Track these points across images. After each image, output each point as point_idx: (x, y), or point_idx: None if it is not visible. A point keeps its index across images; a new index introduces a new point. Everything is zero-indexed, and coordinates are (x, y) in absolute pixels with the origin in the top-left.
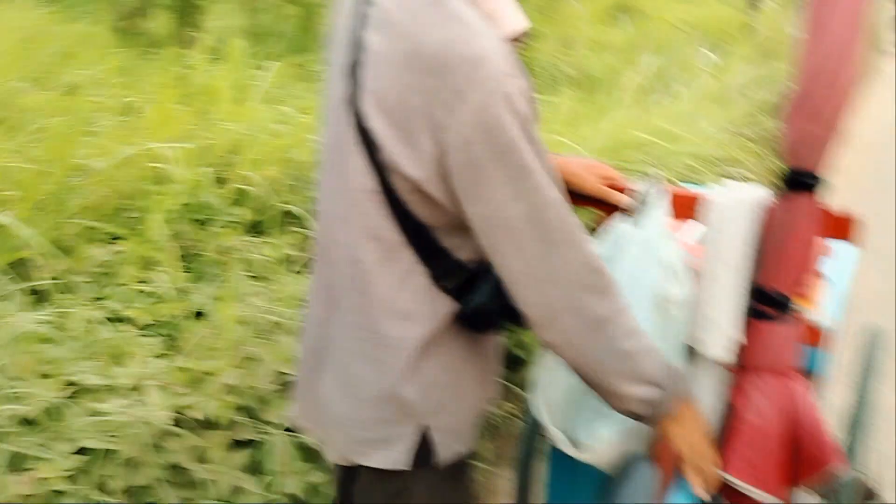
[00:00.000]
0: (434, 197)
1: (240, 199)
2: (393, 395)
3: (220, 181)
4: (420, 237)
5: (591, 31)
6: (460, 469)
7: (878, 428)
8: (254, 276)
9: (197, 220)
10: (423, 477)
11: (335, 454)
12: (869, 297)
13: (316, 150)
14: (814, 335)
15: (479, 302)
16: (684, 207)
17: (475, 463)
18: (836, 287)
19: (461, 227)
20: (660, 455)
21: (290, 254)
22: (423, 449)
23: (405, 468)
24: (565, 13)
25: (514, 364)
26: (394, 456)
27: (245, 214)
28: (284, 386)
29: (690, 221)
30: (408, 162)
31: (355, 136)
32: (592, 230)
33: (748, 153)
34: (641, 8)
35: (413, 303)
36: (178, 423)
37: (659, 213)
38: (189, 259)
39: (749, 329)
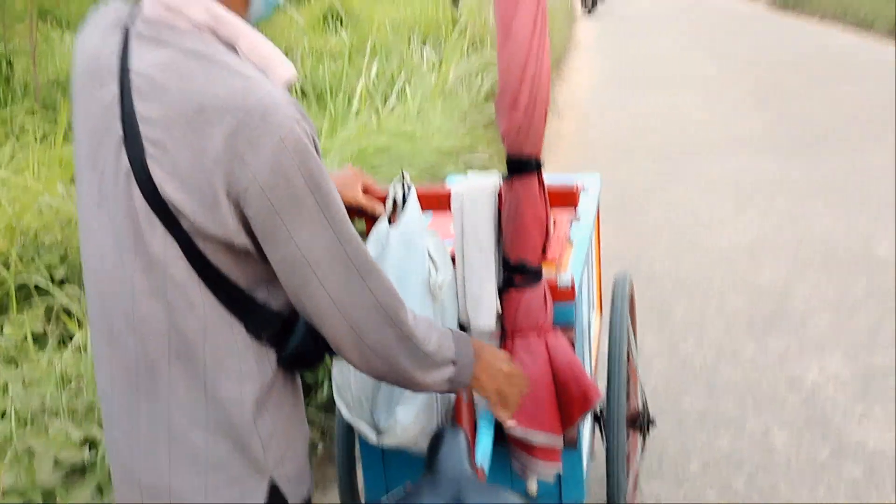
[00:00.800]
0: (243, 251)
1: None
2: (237, 455)
3: None
4: (236, 297)
5: (310, 40)
6: None
7: (642, 364)
8: (3, 362)
9: None
10: None
11: None
12: (607, 249)
13: (81, 227)
14: (563, 293)
15: (297, 343)
16: (434, 201)
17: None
18: (579, 248)
19: (272, 278)
20: (459, 418)
21: (37, 330)
22: (273, 501)
23: None
24: (281, 24)
25: (308, 391)
26: None
27: None
28: (71, 471)
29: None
30: (211, 223)
31: (149, 209)
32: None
33: (480, 139)
34: (353, 12)
35: (242, 362)
36: None
37: (412, 210)
38: None
39: (507, 298)
